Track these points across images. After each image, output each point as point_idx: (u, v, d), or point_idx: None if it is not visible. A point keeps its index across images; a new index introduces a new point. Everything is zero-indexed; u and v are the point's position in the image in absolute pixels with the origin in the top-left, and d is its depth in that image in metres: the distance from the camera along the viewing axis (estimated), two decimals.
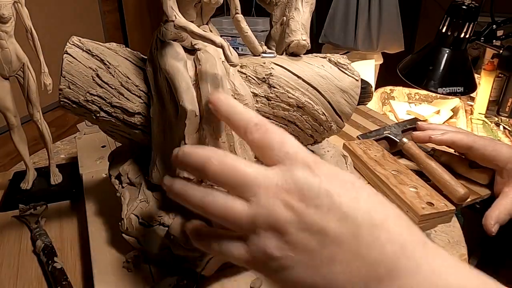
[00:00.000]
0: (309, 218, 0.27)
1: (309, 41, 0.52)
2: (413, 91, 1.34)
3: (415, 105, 1.32)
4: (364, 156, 0.69)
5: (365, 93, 1.06)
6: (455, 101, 1.29)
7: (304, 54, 0.54)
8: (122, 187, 0.51)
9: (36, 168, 0.69)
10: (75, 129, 0.89)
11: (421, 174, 0.68)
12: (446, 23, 0.94)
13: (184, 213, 0.47)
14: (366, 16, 1.52)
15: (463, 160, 0.69)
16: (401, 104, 1.30)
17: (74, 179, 0.68)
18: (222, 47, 0.43)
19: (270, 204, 0.28)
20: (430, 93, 1.30)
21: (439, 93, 0.97)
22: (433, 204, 0.56)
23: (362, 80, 1.09)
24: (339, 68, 0.52)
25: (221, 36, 0.48)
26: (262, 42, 0.55)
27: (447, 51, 0.96)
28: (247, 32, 0.52)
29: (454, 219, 0.63)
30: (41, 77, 0.59)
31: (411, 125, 0.81)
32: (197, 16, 0.49)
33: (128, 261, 0.46)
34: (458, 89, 0.96)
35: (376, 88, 1.34)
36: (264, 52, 0.53)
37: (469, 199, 0.63)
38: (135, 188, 0.50)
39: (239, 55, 0.46)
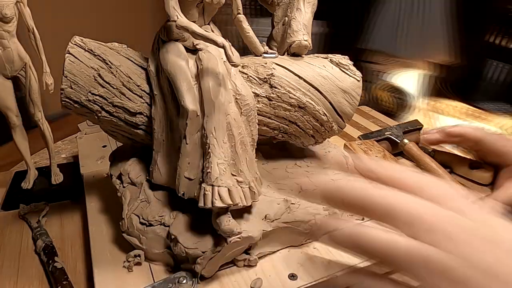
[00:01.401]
0: None
1: (310, 41, 0.52)
2: (462, 105, 1.20)
3: (466, 121, 1.18)
4: (365, 156, 0.69)
5: (402, 104, 1.00)
6: (505, 118, 1.15)
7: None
8: (123, 187, 0.51)
9: (37, 168, 0.69)
10: (76, 128, 0.89)
11: None
12: (502, 35, 0.86)
13: (185, 213, 0.47)
14: (411, 22, 1.41)
15: (464, 161, 0.69)
16: (448, 118, 1.17)
17: (75, 178, 0.68)
18: (223, 47, 0.43)
19: None
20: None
21: (490, 110, 0.89)
22: None
23: (400, 90, 1.03)
24: (340, 69, 0.52)
25: (258, 37, 0.49)
26: (263, 43, 0.55)
27: (502, 65, 0.87)
28: (249, 32, 0.53)
29: None
30: (43, 77, 0.59)
31: (413, 127, 0.81)
32: (199, 16, 0.49)
33: (129, 261, 0.46)
34: (509, 106, 0.88)
35: (421, 100, 1.21)
36: (266, 53, 0.53)
37: None
38: (136, 188, 0.50)
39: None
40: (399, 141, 0.76)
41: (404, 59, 1.41)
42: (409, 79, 1.25)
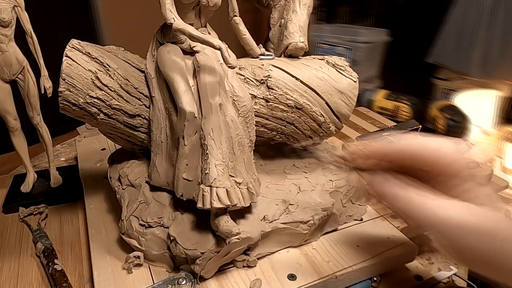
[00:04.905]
0: None
1: (306, 43, 0.52)
2: None
3: None
4: None
5: (457, 128, 0.89)
6: None
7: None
8: (122, 189, 0.51)
9: (36, 171, 0.69)
10: (75, 132, 0.89)
11: None
12: None
13: (184, 214, 0.47)
14: (486, 36, 1.22)
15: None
16: None
17: (74, 181, 0.68)
18: (220, 49, 0.43)
19: None
20: None
21: None
22: None
23: (459, 112, 0.91)
24: (336, 70, 0.52)
25: (320, 43, 0.49)
26: (260, 44, 0.55)
27: None
28: (245, 35, 0.53)
29: None
30: (41, 81, 0.60)
31: (410, 127, 0.81)
32: (196, 19, 0.49)
33: (128, 262, 0.47)
34: None
35: (498, 125, 1.03)
36: (263, 54, 0.54)
37: None
38: (135, 189, 0.51)
39: None
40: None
41: (472, 77, 1.25)
42: (480, 100, 1.09)
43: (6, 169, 0.79)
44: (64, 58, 0.45)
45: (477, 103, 1.07)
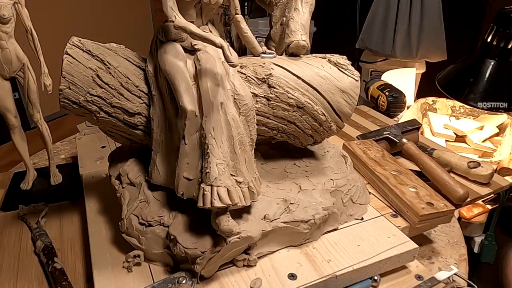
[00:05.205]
0: None
1: (308, 42, 0.52)
2: (458, 103, 1.19)
3: (456, 118, 1.16)
4: (364, 156, 0.69)
5: (397, 102, 1.04)
6: (502, 118, 1.12)
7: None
8: (122, 188, 0.51)
9: (36, 169, 0.69)
10: (75, 129, 0.89)
11: (421, 174, 0.68)
12: (492, 33, 0.85)
13: (184, 213, 0.47)
14: (406, 21, 1.40)
15: (462, 160, 0.69)
16: (440, 117, 1.16)
17: (74, 179, 0.68)
18: (221, 47, 0.43)
19: None
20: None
21: (478, 108, 0.89)
22: (433, 204, 0.56)
23: (395, 89, 1.07)
24: (338, 69, 0.52)
25: (256, 37, 0.49)
26: (262, 43, 0.55)
27: (492, 63, 0.86)
28: (247, 33, 0.53)
29: (454, 219, 0.63)
30: (41, 78, 0.59)
31: (411, 126, 0.81)
32: (197, 17, 0.49)
33: (128, 261, 0.46)
34: (502, 105, 0.86)
35: (417, 98, 1.24)
36: (264, 53, 0.53)
37: (468, 199, 0.63)
38: (135, 188, 0.50)
39: None
40: (397, 141, 0.76)
41: (397, 59, 1.43)
42: (402, 78, 1.29)
43: (4, 164, 0.79)
44: (65, 55, 0.45)
45: (399, 80, 1.24)
